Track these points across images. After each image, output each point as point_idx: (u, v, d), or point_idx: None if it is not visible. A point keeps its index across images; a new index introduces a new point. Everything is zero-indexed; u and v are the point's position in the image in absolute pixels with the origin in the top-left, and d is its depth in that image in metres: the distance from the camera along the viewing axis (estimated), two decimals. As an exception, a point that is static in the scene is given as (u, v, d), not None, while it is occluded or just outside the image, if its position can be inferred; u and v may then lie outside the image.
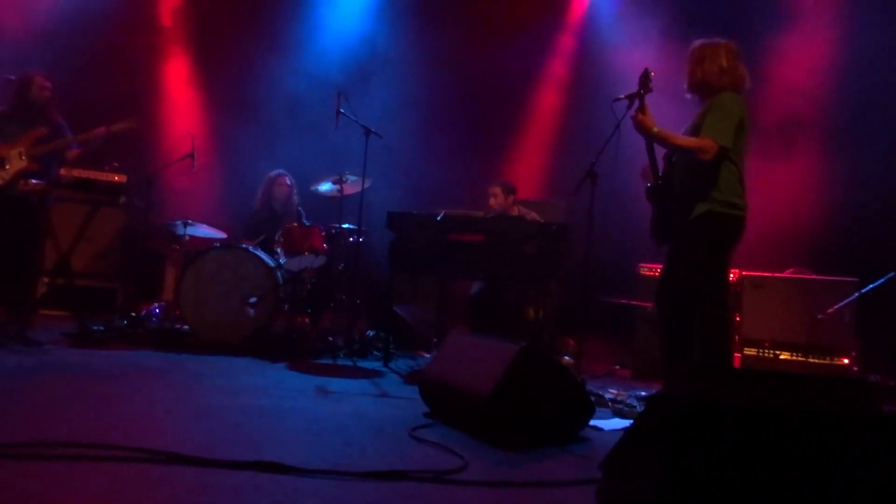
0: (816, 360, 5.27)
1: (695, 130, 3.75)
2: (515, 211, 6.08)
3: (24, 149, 4.98)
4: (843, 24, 6.48)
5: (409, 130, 7.41)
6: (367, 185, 5.69)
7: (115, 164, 5.26)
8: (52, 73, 5.36)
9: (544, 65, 8.22)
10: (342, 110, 5.36)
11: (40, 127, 5.07)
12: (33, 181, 5.00)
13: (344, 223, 5.86)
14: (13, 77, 5.19)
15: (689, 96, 3.96)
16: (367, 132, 5.44)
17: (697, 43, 3.92)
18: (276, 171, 6.46)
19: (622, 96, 3.99)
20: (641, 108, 3.80)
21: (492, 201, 6.08)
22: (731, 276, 5.56)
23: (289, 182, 6.42)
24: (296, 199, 6.44)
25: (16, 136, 5.01)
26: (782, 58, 6.69)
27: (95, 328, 5.23)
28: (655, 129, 3.73)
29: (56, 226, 5.29)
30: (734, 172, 3.71)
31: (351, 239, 5.81)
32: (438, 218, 5.04)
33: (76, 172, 5.04)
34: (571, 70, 8.16)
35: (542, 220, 5.36)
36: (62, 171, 5.06)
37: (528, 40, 7.91)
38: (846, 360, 5.18)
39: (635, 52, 6.99)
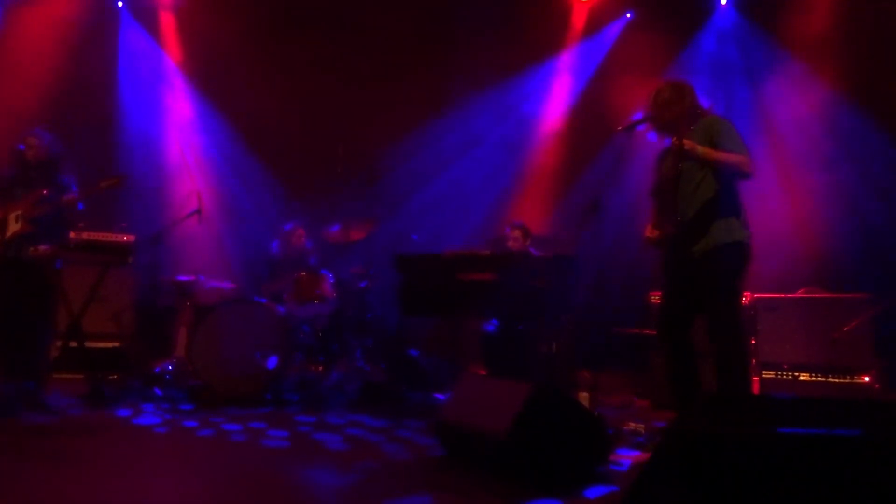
0: (836, 380, 5.19)
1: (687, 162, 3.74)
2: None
3: (21, 211, 4.88)
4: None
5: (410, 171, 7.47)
6: (373, 228, 5.72)
7: (124, 225, 5.32)
8: (59, 127, 5.37)
9: (547, 97, 8.26)
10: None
11: (41, 188, 4.95)
12: (42, 247, 4.99)
13: (352, 268, 5.88)
14: (42, 132, 5.18)
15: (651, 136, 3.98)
16: (372, 175, 5.49)
17: (659, 85, 3.98)
18: (291, 224, 6.55)
19: (630, 124, 4.00)
20: (680, 135, 3.75)
21: (510, 244, 6.08)
22: (744, 299, 5.53)
23: (302, 232, 6.51)
24: (309, 247, 6.51)
25: (16, 200, 4.93)
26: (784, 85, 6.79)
27: (107, 390, 5.21)
28: (700, 149, 3.70)
29: (66, 288, 5.30)
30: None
31: (362, 284, 5.83)
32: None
33: (85, 235, 5.08)
34: (574, 101, 8.20)
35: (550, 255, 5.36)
36: (71, 234, 5.07)
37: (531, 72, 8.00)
38: (867, 378, 5.10)
39: (636, 82, 7.08)
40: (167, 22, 7.96)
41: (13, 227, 4.90)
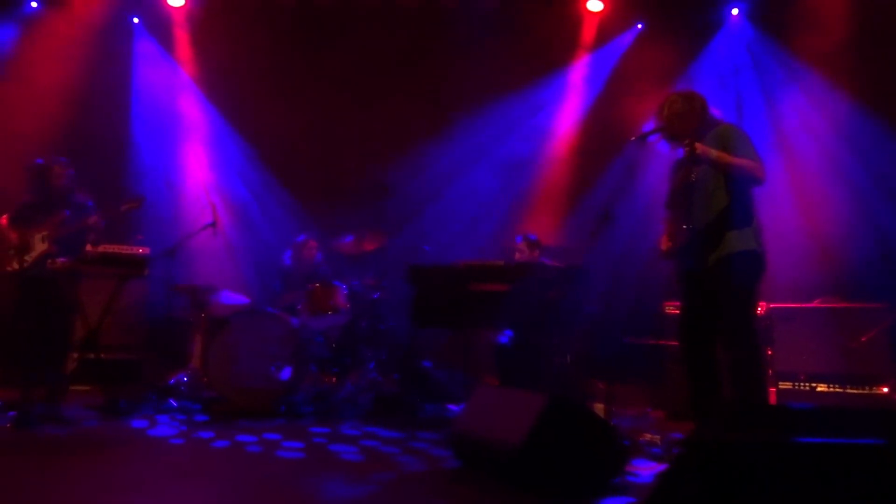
0: (854, 391, 5.14)
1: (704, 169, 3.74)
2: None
3: (47, 232, 5.19)
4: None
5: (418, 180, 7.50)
6: (386, 239, 5.74)
7: (140, 237, 5.38)
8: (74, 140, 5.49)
9: (558, 108, 8.27)
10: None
11: (63, 210, 5.29)
12: (60, 260, 5.12)
13: (365, 279, 5.90)
14: (42, 161, 5.38)
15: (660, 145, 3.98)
16: (384, 188, 5.51)
17: (670, 94, 4.00)
18: (303, 236, 6.58)
19: (641, 134, 4.01)
20: (696, 139, 3.74)
21: (517, 255, 6.09)
22: (759, 309, 5.50)
23: (314, 244, 6.53)
24: (320, 259, 6.54)
25: (41, 222, 5.25)
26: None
27: (123, 402, 5.25)
28: (713, 153, 3.69)
29: (83, 300, 5.38)
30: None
31: (375, 295, 5.84)
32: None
33: (101, 248, 5.14)
34: (585, 112, 8.19)
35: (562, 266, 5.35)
36: (88, 248, 5.16)
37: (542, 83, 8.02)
38: (885, 389, 5.05)
39: (647, 93, 7.09)
40: (181, 37, 8.04)
41: (40, 247, 5.20)
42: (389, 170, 7.17)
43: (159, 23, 7.93)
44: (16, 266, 5.17)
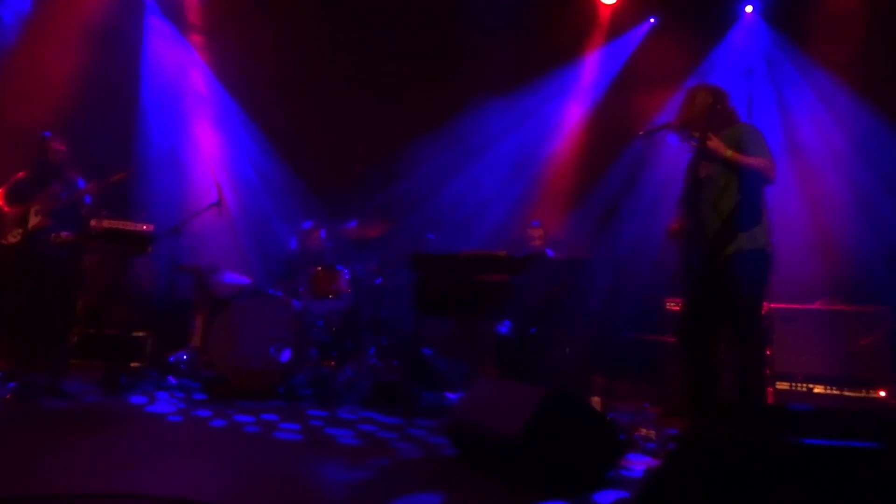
0: (852, 393, 5.14)
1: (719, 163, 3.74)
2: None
3: (39, 206, 5.45)
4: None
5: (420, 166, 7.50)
6: (390, 226, 5.74)
7: (144, 214, 5.40)
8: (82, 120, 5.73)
9: (567, 100, 8.23)
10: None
11: (55, 185, 5.56)
12: (63, 234, 5.16)
13: (368, 265, 5.90)
14: (49, 133, 5.52)
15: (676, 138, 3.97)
16: (390, 175, 5.51)
17: (693, 86, 4.03)
18: (310, 223, 6.58)
19: (650, 129, 4.00)
20: (708, 135, 3.75)
21: (536, 242, 6.09)
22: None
23: (321, 234, 6.53)
24: (327, 245, 6.54)
25: (34, 196, 5.51)
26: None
27: (122, 378, 5.27)
28: (729, 152, 3.69)
29: (86, 276, 5.44)
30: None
31: (378, 281, 5.84)
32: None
33: (105, 223, 5.16)
34: (594, 105, 8.16)
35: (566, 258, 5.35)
36: (92, 223, 5.18)
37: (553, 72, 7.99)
38: (883, 393, 5.05)
39: (657, 88, 7.07)
40: (192, 15, 8.03)
41: (33, 220, 5.45)
42: (397, 157, 7.16)
43: (171, 1, 7.91)
44: (11, 240, 5.38)
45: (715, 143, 3.70)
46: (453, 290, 5.10)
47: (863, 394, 5.11)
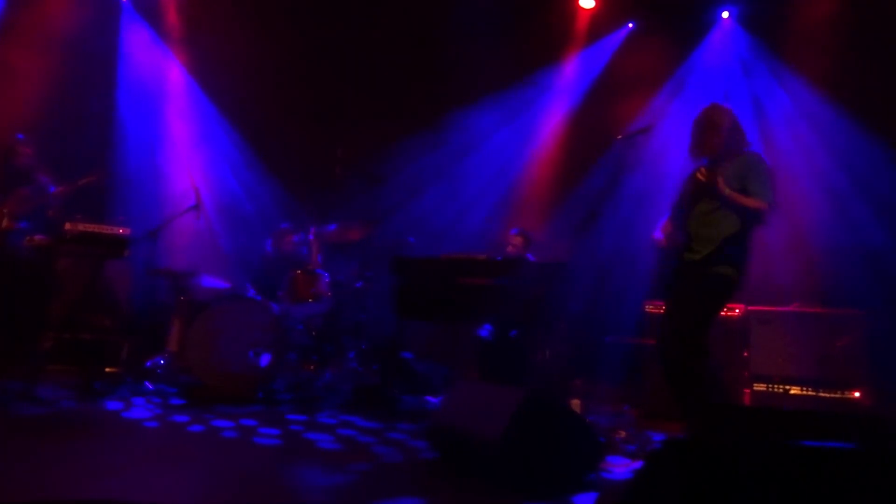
0: (827, 395, 5.21)
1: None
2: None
3: (7, 209, 5.40)
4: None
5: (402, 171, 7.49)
6: (371, 229, 5.73)
7: (121, 218, 5.34)
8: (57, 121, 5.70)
9: (548, 104, 8.26)
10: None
11: (24, 188, 5.51)
12: (37, 237, 5.10)
13: (348, 268, 5.88)
14: (21, 136, 5.48)
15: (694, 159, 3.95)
16: (371, 178, 5.50)
17: (708, 107, 3.92)
18: (284, 225, 6.54)
19: (630, 133, 4.01)
20: (716, 169, 3.70)
21: (510, 249, 6.09)
22: (737, 311, 5.55)
23: (294, 238, 6.49)
24: (302, 249, 6.49)
25: (2, 200, 5.44)
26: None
27: (98, 383, 5.20)
28: (728, 192, 3.64)
29: (62, 280, 5.36)
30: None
31: (358, 285, 5.82)
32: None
33: (81, 227, 5.09)
34: (574, 109, 8.19)
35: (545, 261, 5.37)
36: (67, 226, 5.11)
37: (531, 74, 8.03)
38: (857, 394, 5.12)
39: (636, 92, 7.14)
40: (170, 18, 7.95)
41: (3, 223, 5.39)
42: (378, 160, 7.14)
43: (148, 3, 7.83)
44: None
45: (721, 185, 3.63)
46: (434, 293, 5.09)
47: (838, 395, 5.17)
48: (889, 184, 6.10)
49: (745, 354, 5.49)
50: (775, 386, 5.41)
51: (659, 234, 3.93)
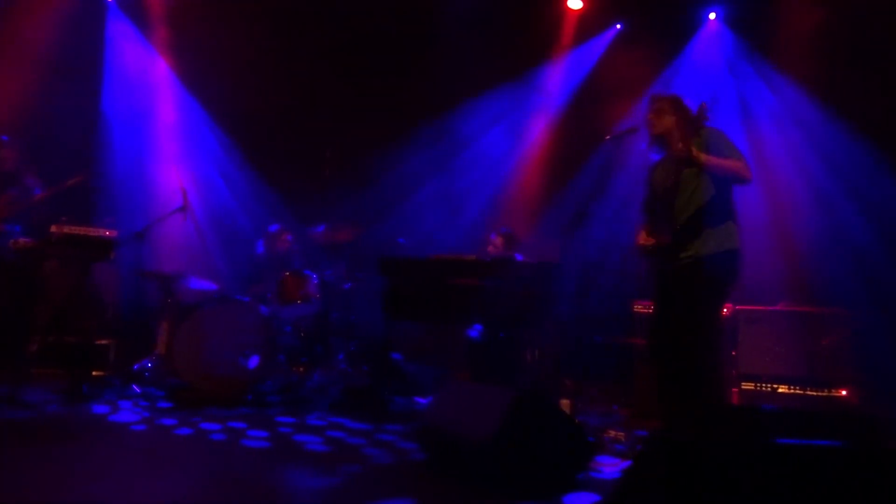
0: (815, 393, 5.24)
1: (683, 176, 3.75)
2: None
3: None
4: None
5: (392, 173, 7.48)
6: (360, 230, 5.72)
7: (108, 220, 5.31)
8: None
9: (536, 104, 8.26)
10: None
11: (9, 191, 5.44)
12: (22, 240, 5.07)
13: (337, 270, 5.87)
14: (6, 137, 5.40)
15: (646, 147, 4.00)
16: (359, 179, 5.49)
17: (649, 98, 4.02)
18: (277, 226, 6.52)
19: (618, 133, 4.02)
20: (690, 142, 3.74)
21: (490, 249, 6.09)
22: (725, 310, 5.57)
23: (289, 237, 6.48)
24: (295, 249, 6.48)
25: None
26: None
27: (85, 387, 5.15)
28: (704, 156, 3.69)
29: (48, 283, 5.31)
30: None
31: (347, 286, 5.81)
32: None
33: (66, 229, 5.05)
34: (563, 110, 8.20)
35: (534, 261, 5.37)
36: (53, 229, 5.07)
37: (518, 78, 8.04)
38: (844, 392, 5.16)
39: (624, 92, 7.16)
40: (157, 18, 7.90)
41: None
42: (366, 161, 7.13)
43: (133, 3, 7.78)
44: None
45: (696, 153, 3.68)
46: (423, 294, 5.09)
47: (825, 393, 5.21)
48: (875, 183, 6.14)
49: (733, 353, 5.51)
50: (763, 385, 5.44)
51: (642, 241, 3.93)
